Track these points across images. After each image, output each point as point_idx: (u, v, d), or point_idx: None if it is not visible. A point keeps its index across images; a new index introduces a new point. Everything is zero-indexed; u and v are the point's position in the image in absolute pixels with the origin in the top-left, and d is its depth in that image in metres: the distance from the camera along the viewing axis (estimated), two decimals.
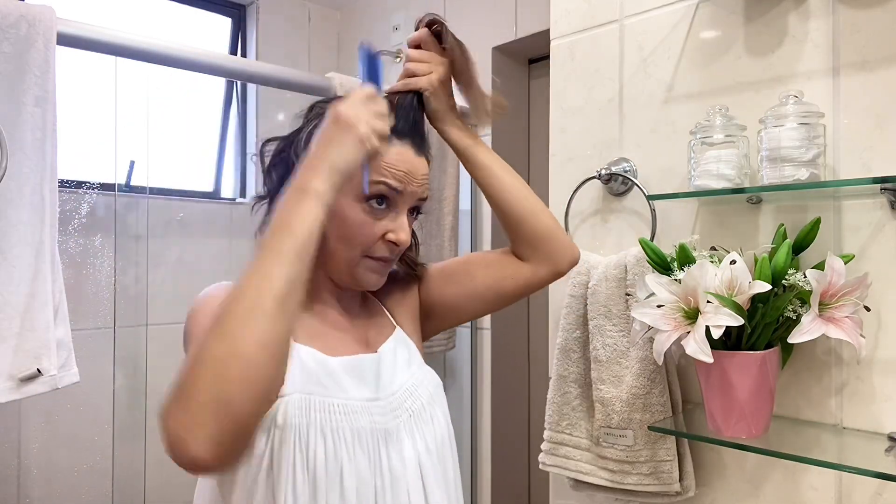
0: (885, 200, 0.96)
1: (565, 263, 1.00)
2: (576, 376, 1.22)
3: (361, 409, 0.81)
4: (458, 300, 1.00)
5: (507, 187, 0.98)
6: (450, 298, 1.00)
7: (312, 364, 0.81)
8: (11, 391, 1.11)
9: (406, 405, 0.86)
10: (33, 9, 1.14)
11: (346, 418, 0.79)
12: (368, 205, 0.83)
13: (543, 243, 0.98)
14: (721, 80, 1.12)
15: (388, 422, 0.83)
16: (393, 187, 0.84)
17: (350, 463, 0.77)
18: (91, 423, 1.74)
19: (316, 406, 0.78)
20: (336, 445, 0.77)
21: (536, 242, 0.97)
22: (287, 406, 0.76)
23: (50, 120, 1.15)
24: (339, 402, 0.80)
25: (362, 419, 0.80)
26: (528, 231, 0.97)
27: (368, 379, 0.85)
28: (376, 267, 0.87)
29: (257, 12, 2.34)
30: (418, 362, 0.94)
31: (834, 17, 1.01)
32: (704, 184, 1.03)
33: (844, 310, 0.91)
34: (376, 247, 0.85)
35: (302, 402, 0.77)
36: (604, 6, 1.28)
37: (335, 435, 0.77)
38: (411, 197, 0.86)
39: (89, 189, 1.75)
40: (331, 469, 0.76)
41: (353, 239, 0.84)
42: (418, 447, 0.84)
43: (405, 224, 0.86)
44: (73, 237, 1.72)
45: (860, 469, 0.87)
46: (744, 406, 0.95)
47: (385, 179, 0.83)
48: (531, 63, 2.06)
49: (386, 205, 0.85)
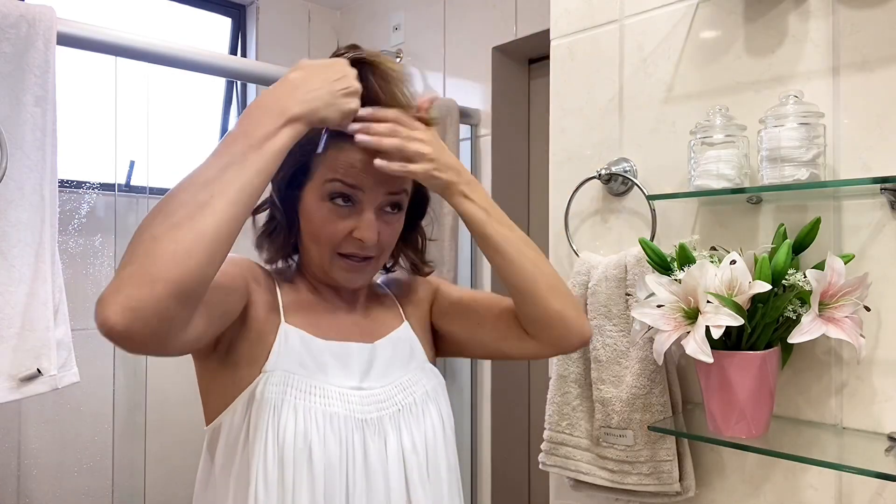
0: (885, 200, 0.96)
1: (572, 348, 0.94)
2: (576, 376, 1.22)
3: (338, 395, 0.82)
4: (462, 339, 0.99)
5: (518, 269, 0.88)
6: (456, 334, 0.99)
7: (298, 344, 0.83)
8: (11, 391, 1.11)
9: (396, 399, 0.87)
10: (33, 9, 1.14)
11: (322, 401, 0.81)
12: (333, 203, 0.83)
13: (552, 328, 0.90)
14: (721, 80, 1.12)
15: (369, 412, 0.84)
16: (350, 184, 0.82)
17: (319, 444, 0.79)
18: (91, 423, 1.74)
19: (293, 384, 0.80)
20: (307, 425, 0.78)
21: (542, 327, 0.90)
22: (266, 381, 0.79)
23: (50, 120, 1.16)
24: (317, 384, 0.82)
25: (338, 405, 0.81)
26: (537, 314, 0.90)
27: (354, 367, 0.86)
28: (349, 266, 0.86)
29: (257, 12, 2.34)
30: (420, 360, 0.93)
31: (834, 17, 1.01)
32: (704, 184, 1.03)
33: (844, 310, 0.91)
34: (344, 244, 0.85)
35: (280, 380, 0.80)
36: (604, 6, 1.28)
37: (307, 414, 0.79)
38: (377, 193, 0.84)
39: (89, 189, 1.75)
40: (299, 446, 0.78)
41: (320, 237, 0.85)
42: (404, 442, 0.85)
43: (371, 221, 0.84)
44: (73, 237, 1.71)
45: (860, 469, 0.87)
46: (744, 406, 0.95)
47: (339, 177, 0.82)
48: (531, 63, 2.06)
49: (351, 202, 0.84)
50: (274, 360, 0.81)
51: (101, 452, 1.74)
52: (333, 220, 0.84)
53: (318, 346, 0.84)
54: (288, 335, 0.83)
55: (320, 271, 0.88)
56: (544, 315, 0.89)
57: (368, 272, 0.89)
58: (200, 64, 1.40)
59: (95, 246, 1.76)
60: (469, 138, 1.98)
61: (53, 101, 1.16)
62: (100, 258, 1.76)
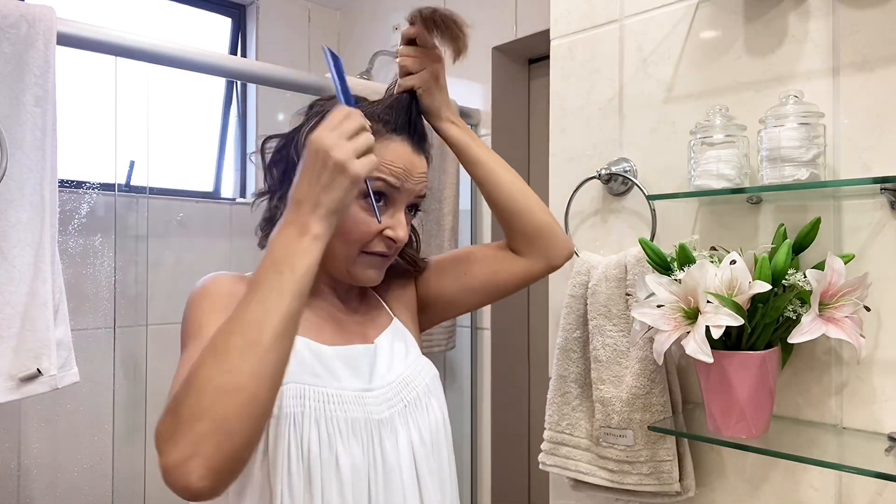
0: (885, 200, 0.96)
1: (560, 259, 1.01)
2: (576, 376, 1.22)
3: (355, 399, 0.82)
4: (455, 294, 1.01)
5: (503, 184, 0.98)
6: (446, 292, 1.01)
7: (307, 354, 0.83)
8: (11, 391, 1.11)
9: (401, 395, 0.87)
10: (33, 9, 1.14)
11: (341, 408, 0.80)
12: (366, 202, 0.84)
13: (538, 239, 0.99)
14: (721, 80, 1.12)
15: (383, 412, 0.84)
16: (390, 184, 0.85)
17: (345, 451, 0.78)
18: (91, 423, 1.74)
19: (310, 395, 0.79)
20: (330, 434, 0.78)
21: (531, 238, 0.98)
22: (282, 395, 0.78)
23: (50, 120, 1.15)
24: (333, 391, 0.81)
25: (356, 409, 0.81)
26: (524, 227, 0.98)
27: (363, 369, 0.86)
28: (373, 262, 0.87)
29: (257, 12, 2.34)
30: (415, 354, 0.95)
31: (834, 17, 1.01)
32: (704, 184, 1.03)
33: (844, 310, 0.91)
34: (373, 243, 0.86)
35: (296, 392, 0.79)
36: (604, 6, 1.28)
37: (329, 424, 0.79)
38: (409, 194, 0.87)
39: (89, 189, 1.75)
40: (325, 457, 0.77)
41: (350, 235, 0.85)
42: (412, 437, 0.86)
43: (403, 221, 0.87)
44: (73, 237, 1.71)
45: (860, 469, 0.87)
46: (744, 406, 0.95)
47: (382, 176, 0.84)
48: (531, 63, 2.06)
49: (384, 202, 0.86)
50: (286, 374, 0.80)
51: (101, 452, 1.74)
52: (368, 219, 0.84)
53: (327, 353, 0.84)
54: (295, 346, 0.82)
55: (340, 269, 0.88)
56: (533, 225, 0.98)
57: (385, 270, 0.91)
58: (200, 64, 1.40)
59: (95, 246, 1.76)
60: None
61: (53, 101, 1.16)
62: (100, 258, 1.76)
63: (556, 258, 1.00)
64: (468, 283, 1.00)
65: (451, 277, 1.01)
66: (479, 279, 1.00)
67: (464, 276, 1.01)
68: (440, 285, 1.01)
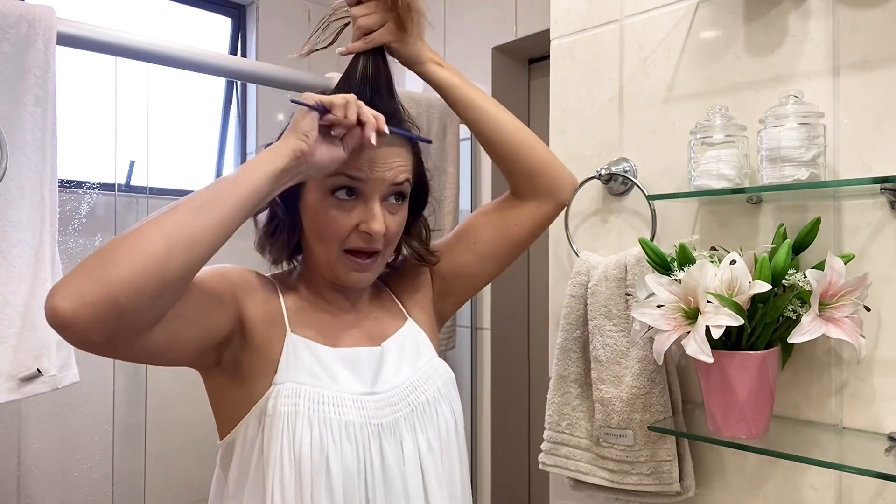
0: (885, 200, 0.96)
1: (567, 193, 0.98)
2: (576, 376, 1.22)
3: (352, 402, 0.81)
4: (472, 267, 0.99)
5: (499, 123, 0.95)
6: (463, 270, 0.98)
7: (306, 354, 0.82)
8: (11, 391, 1.11)
9: (409, 400, 0.86)
10: (33, 9, 1.14)
11: (336, 409, 0.79)
12: (335, 197, 0.82)
13: (542, 176, 0.96)
14: (721, 80, 1.12)
15: (385, 416, 0.83)
16: (354, 177, 0.82)
17: (336, 454, 0.77)
18: (91, 423, 1.74)
19: (305, 395, 0.79)
20: (322, 435, 0.77)
21: (535, 176, 0.95)
22: (278, 394, 0.78)
23: (50, 120, 1.16)
24: (331, 393, 0.80)
25: (353, 412, 0.80)
26: (525, 165, 0.95)
27: (365, 372, 0.85)
28: (356, 264, 0.85)
29: (257, 12, 2.34)
30: (428, 356, 0.92)
31: (834, 17, 1.01)
32: (704, 184, 1.03)
33: (844, 310, 0.90)
34: (350, 239, 0.84)
35: (292, 391, 0.78)
36: (604, 6, 1.27)
37: (322, 425, 0.78)
38: (380, 183, 0.83)
39: (89, 189, 1.76)
40: (316, 458, 0.76)
41: (325, 233, 0.83)
42: (419, 443, 0.84)
43: (377, 212, 0.83)
44: (73, 237, 1.72)
45: (860, 469, 0.87)
46: (744, 406, 0.95)
47: (343, 171, 0.81)
48: (531, 63, 2.06)
49: (355, 195, 0.83)
50: (283, 372, 0.80)
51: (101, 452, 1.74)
52: (339, 215, 0.82)
53: (328, 355, 0.83)
54: (295, 346, 0.82)
55: (327, 271, 0.87)
56: (534, 161, 0.95)
57: (375, 269, 0.88)
58: (200, 64, 1.40)
59: (95, 246, 1.75)
60: (469, 138, 1.98)
61: (53, 101, 1.16)
62: None
63: (563, 192, 0.97)
64: (481, 251, 0.97)
65: (462, 254, 0.98)
66: (491, 243, 0.97)
67: (474, 245, 0.97)
68: (454, 266, 0.98)
